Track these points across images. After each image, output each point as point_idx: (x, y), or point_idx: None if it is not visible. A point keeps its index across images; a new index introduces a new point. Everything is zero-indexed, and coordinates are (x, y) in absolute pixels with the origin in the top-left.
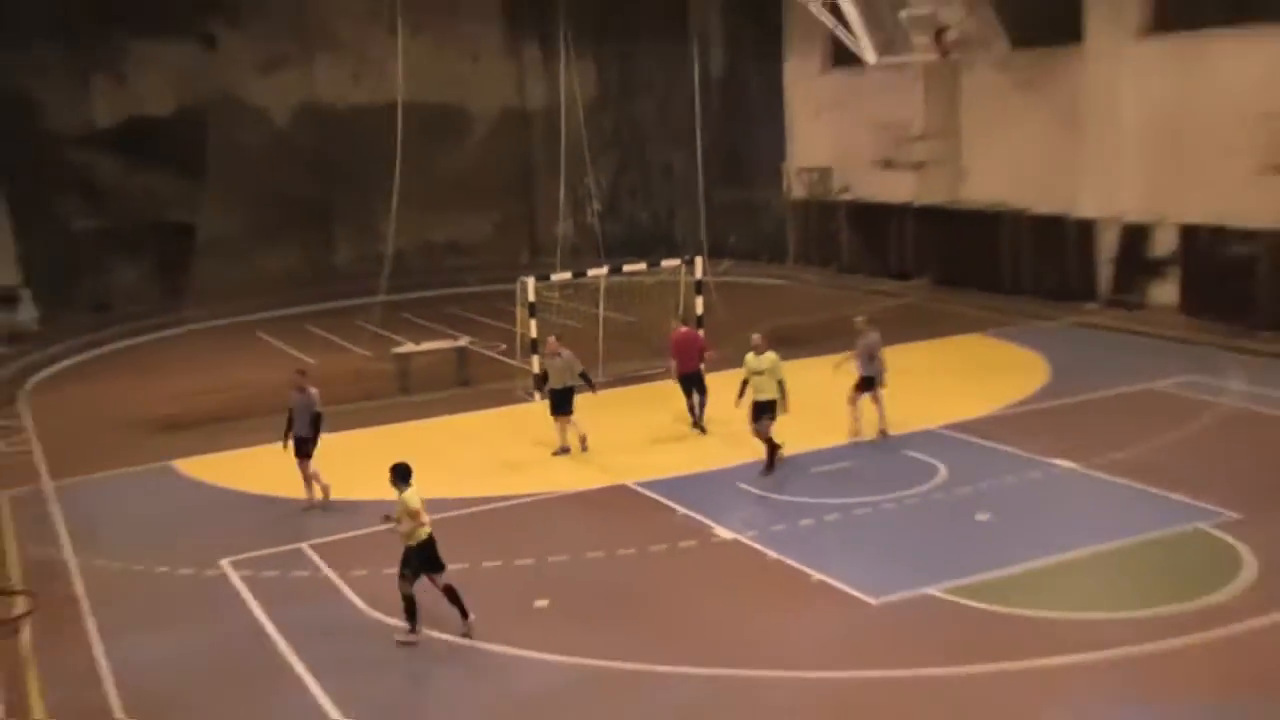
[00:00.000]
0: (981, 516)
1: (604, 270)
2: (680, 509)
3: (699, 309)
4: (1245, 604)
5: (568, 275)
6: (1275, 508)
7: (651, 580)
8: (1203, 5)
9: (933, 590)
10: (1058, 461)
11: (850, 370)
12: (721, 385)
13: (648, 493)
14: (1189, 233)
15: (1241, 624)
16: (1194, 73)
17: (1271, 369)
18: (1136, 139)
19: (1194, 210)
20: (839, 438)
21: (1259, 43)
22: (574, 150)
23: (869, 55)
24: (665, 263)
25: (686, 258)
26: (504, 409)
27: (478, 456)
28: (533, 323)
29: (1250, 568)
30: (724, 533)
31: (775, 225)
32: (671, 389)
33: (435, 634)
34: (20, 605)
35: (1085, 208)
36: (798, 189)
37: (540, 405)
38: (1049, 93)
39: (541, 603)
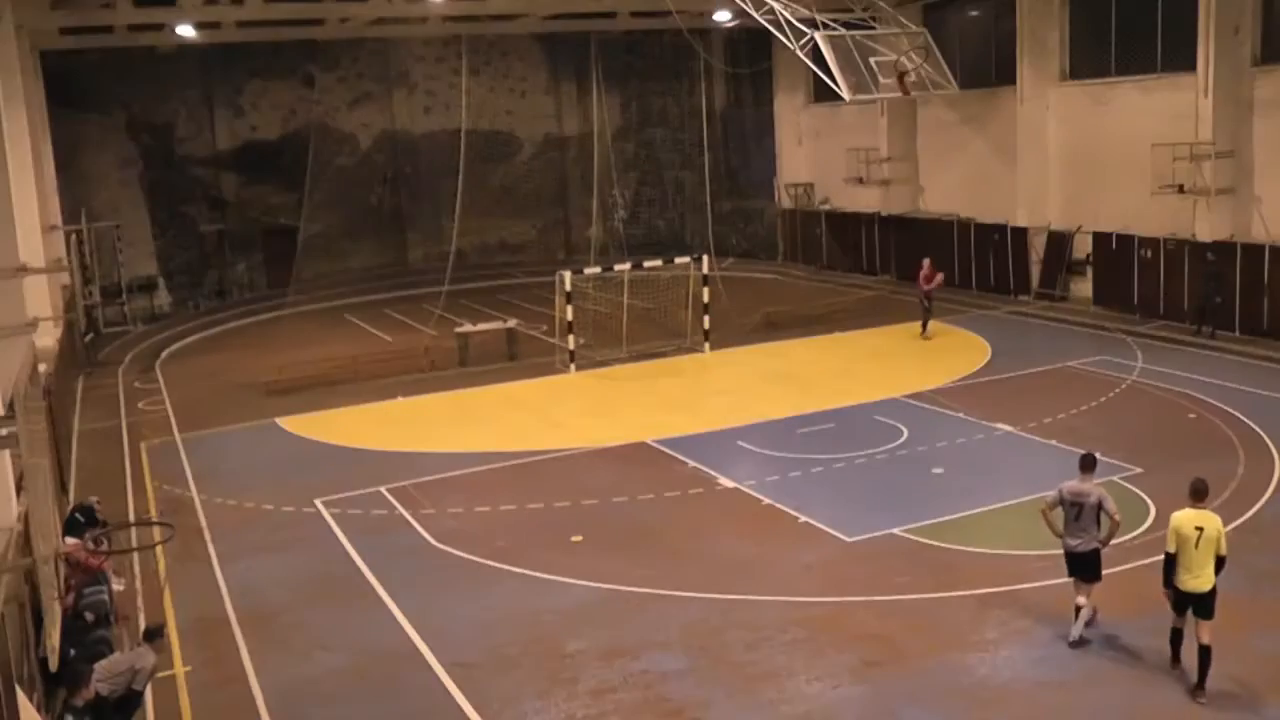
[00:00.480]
0: (937, 470)
1: (627, 266)
2: (690, 462)
3: (705, 298)
4: (1149, 541)
5: (598, 270)
6: (1169, 463)
7: (666, 520)
8: (1106, 59)
9: (896, 530)
10: (998, 425)
11: None
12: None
13: (664, 449)
14: (1101, 239)
15: (1146, 560)
16: (1102, 111)
17: (1165, 352)
18: (1059, 163)
19: (1105, 221)
20: (819, 404)
21: (1150, 89)
22: (603, 169)
23: (844, 93)
24: (678, 260)
25: (695, 256)
26: (545, 379)
27: (523, 418)
28: (569, 308)
29: (1152, 512)
30: (726, 482)
31: (768, 230)
32: (681, 363)
33: (489, 562)
34: (159, 534)
35: (1019, 218)
36: (786, 200)
37: (574, 375)
38: (989, 125)
39: (577, 538)
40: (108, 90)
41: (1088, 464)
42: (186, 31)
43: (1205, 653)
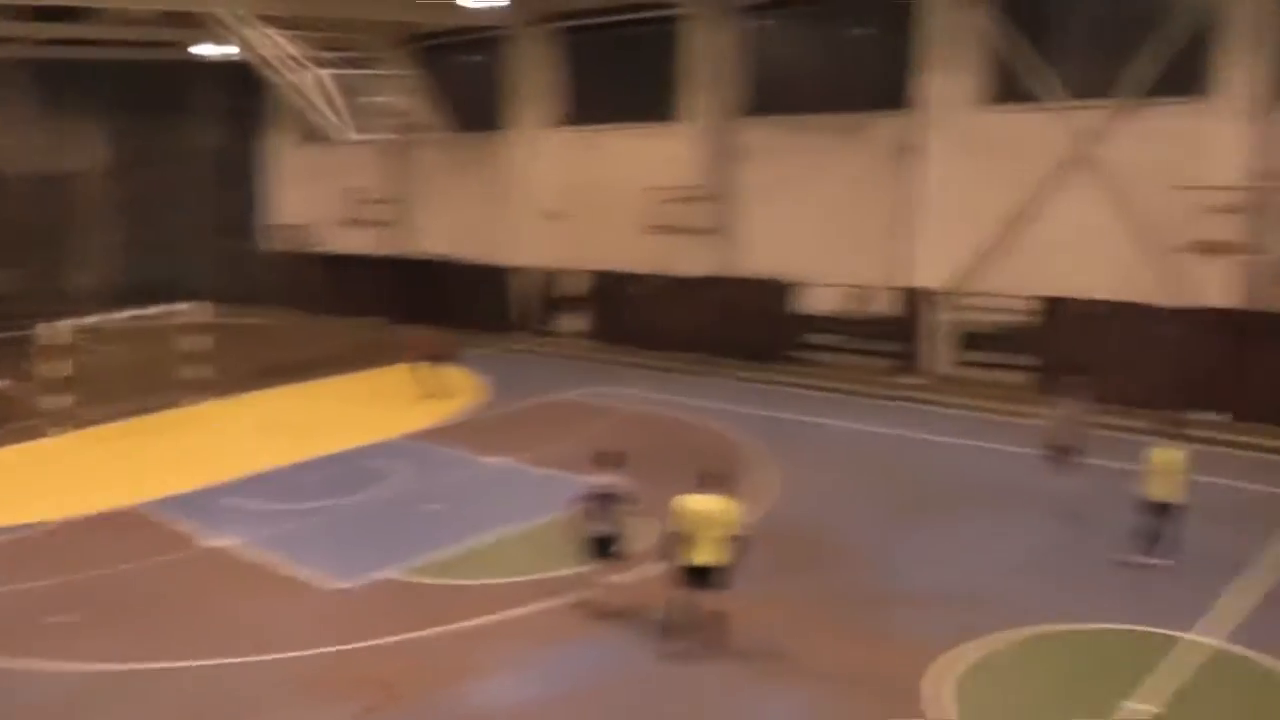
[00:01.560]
0: (434, 507)
1: (120, 315)
2: (180, 522)
3: (202, 346)
4: (644, 558)
5: (89, 320)
6: (663, 484)
7: (153, 589)
8: (596, 108)
9: (392, 572)
10: (495, 459)
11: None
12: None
13: (152, 511)
14: (596, 276)
15: (639, 574)
16: (593, 157)
17: (660, 379)
18: (553, 204)
19: (599, 259)
20: (314, 451)
21: (643, 136)
22: (96, 209)
23: (337, 132)
24: (174, 307)
25: (192, 303)
26: (29, 444)
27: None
28: (58, 364)
29: (651, 527)
30: (216, 541)
31: (263, 273)
32: (176, 417)
33: None
34: None
35: (512, 258)
36: (281, 242)
37: (61, 439)
38: (484, 168)
39: (57, 618)
40: None
41: (602, 460)
42: None
43: (720, 617)
